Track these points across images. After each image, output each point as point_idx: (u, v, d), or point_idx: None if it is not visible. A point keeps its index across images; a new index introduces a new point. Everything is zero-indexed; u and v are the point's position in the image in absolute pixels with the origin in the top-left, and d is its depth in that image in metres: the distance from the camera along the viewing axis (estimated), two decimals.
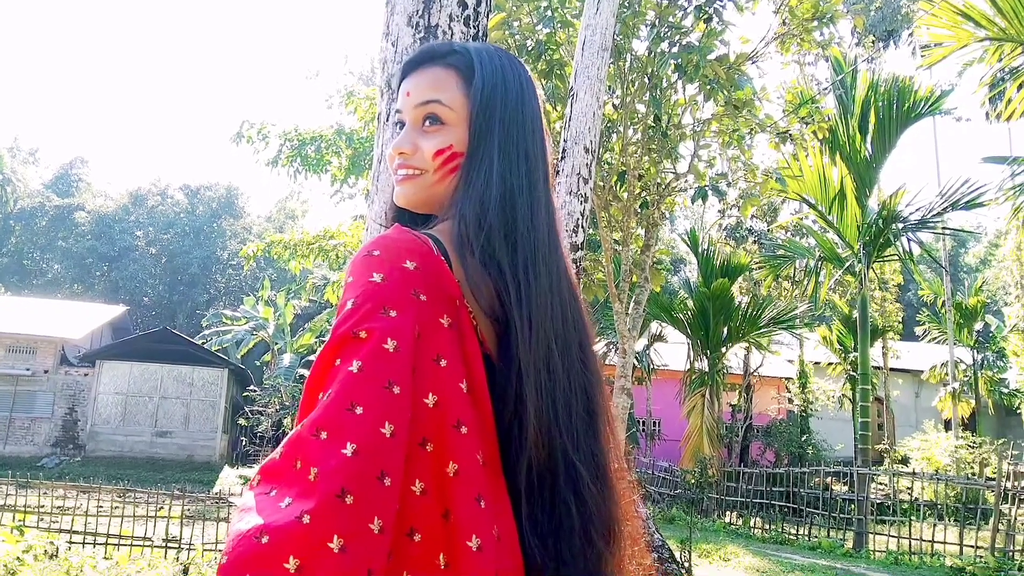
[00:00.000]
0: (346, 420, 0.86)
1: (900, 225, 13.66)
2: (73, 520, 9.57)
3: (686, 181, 8.87)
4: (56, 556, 7.11)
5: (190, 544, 8.80)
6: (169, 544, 8.90)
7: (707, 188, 8.74)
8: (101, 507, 10.20)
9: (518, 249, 1.06)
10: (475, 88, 1.12)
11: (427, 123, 1.12)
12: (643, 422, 22.52)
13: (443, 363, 0.95)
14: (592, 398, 1.10)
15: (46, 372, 24.20)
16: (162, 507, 10.08)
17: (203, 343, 28.81)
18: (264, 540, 0.78)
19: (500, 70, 1.15)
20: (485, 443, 0.97)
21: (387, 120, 2.00)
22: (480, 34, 2.10)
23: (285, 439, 0.89)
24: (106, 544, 8.94)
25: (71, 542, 8.57)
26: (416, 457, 0.90)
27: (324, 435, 0.85)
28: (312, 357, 27.22)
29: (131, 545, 8.83)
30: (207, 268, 46.27)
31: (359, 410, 0.86)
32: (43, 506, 10.22)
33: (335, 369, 0.91)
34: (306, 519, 0.79)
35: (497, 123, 1.12)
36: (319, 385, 0.92)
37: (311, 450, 0.85)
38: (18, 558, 6.41)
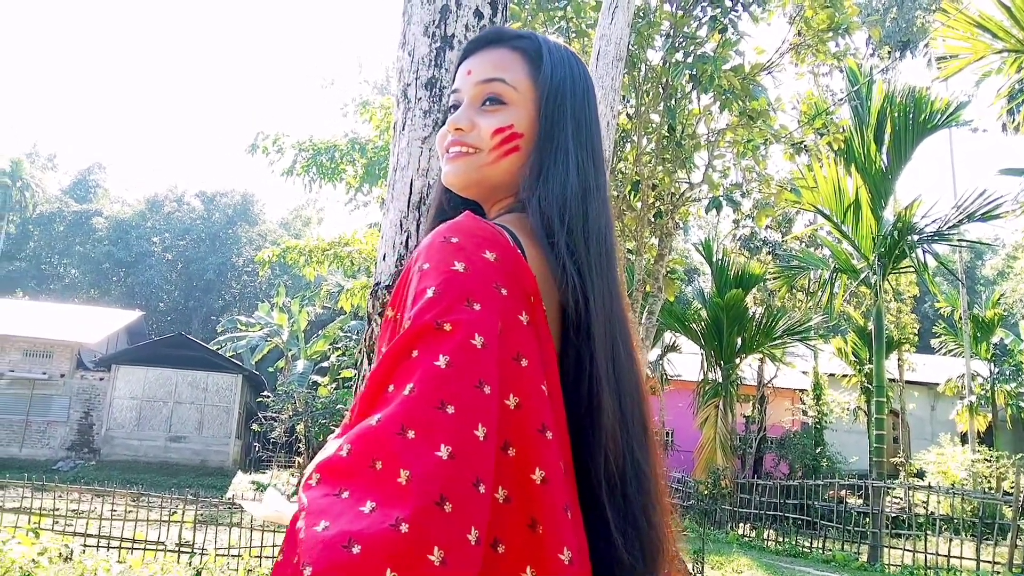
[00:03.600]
0: (437, 419, 0.80)
1: (916, 237, 13.57)
2: (87, 523, 9.63)
3: (700, 191, 8.86)
4: (71, 559, 7.17)
5: (203, 549, 8.83)
6: (182, 548, 8.94)
7: (721, 198, 8.73)
8: (115, 511, 10.26)
9: (590, 248, 1.02)
10: (544, 74, 1.09)
11: (487, 103, 1.08)
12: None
13: (524, 363, 0.89)
14: (644, 404, 1.07)
15: (62, 376, 24.39)
16: (175, 511, 10.12)
17: (218, 349, 28.96)
18: (355, 550, 0.71)
19: (568, 61, 1.12)
20: (564, 449, 0.91)
21: (403, 129, 2.02)
22: None
23: (351, 435, 0.82)
24: (119, 548, 8.99)
25: (85, 545, 8.63)
26: (499, 462, 0.83)
27: (412, 434, 0.79)
28: (326, 364, 27.30)
29: (144, 549, 8.87)
30: (222, 274, 46.57)
31: (450, 409, 0.80)
32: (58, 509, 10.28)
33: (412, 361, 0.84)
34: (404, 528, 0.73)
35: (569, 114, 1.09)
36: (387, 378, 0.86)
37: (397, 450, 0.78)
38: (33, 560, 6.46)
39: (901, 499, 14.52)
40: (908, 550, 12.11)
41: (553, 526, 0.85)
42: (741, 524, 15.94)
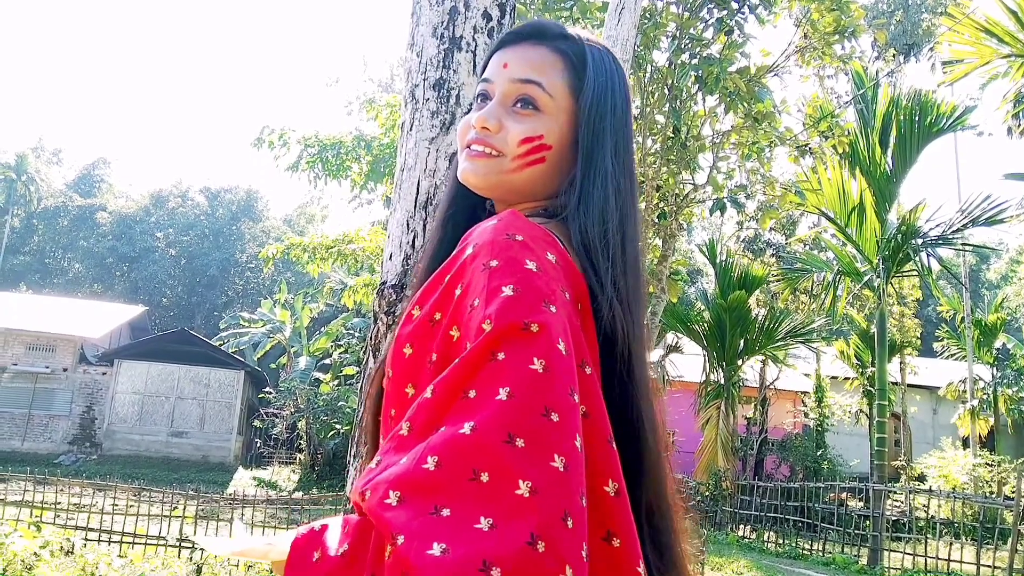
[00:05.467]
0: (545, 428, 0.75)
1: (920, 240, 13.55)
2: (89, 517, 9.66)
3: (704, 192, 8.87)
4: (72, 553, 7.18)
5: None
6: (183, 544, 8.96)
7: (725, 200, 8.74)
8: (116, 505, 10.29)
9: (628, 280, 0.97)
10: (588, 86, 1.03)
11: (519, 104, 1.03)
12: None
13: (588, 370, 0.86)
14: (665, 437, 1.03)
15: (65, 370, 24.45)
16: (176, 507, 10.14)
17: (220, 345, 29.01)
18: (495, 573, 0.67)
19: (610, 72, 1.06)
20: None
21: (410, 129, 2.03)
22: None
23: (432, 446, 0.76)
24: (121, 542, 9.01)
25: (87, 539, 8.64)
26: None
27: (521, 443, 0.73)
28: (328, 361, 27.33)
29: (145, 544, 8.89)
30: (226, 270, 46.62)
31: (555, 417, 0.75)
32: (60, 503, 10.32)
33: (498, 364, 0.78)
34: (540, 547, 0.68)
35: (609, 130, 1.03)
36: (467, 382, 0.79)
37: (508, 461, 0.73)
38: (35, 553, 6.48)
39: (902, 502, 14.51)
40: (908, 553, 12.10)
41: (629, 539, 0.82)
42: (741, 526, 15.94)
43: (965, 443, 20.03)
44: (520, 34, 1.07)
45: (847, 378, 21.56)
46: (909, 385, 22.46)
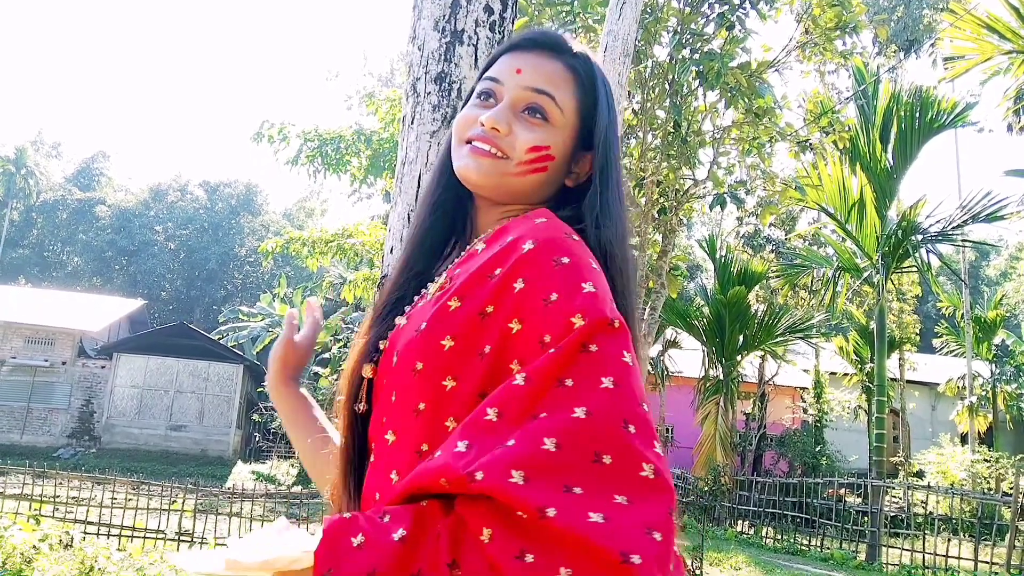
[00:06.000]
0: (644, 417, 0.81)
1: (919, 236, 13.55)
2: (88, 511, 9.67)
3: (704, 188, 8.85)
4: (71, 546, 7.18)
5: (202, 537, 8.87)
6: (182, 537, 8.97)
7: (726, 195, 8.72)
8: (115, 499, 10.30)
9: (628, 293, 1.02)
10: (601, 107, 1.09)
11: (528, 111, 1.06)
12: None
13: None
14: None
15: (64, 363, 24.45)
16: (175, 500, 10.15)
17: (219, 339, 29.01)
18: (656, 535, 0.74)
19: (611, 92, 1.12)
20: None
21: (412, 123, 2.02)
22: (505, 39, 2.12)
23: (544, 429, 0.80)
24: (120, 535, 9.02)
25: (85, 532, 8.65)
26: None
27: (633, 429, 0.80)
28: (327, 355, 27.34)
29: (144, 537, 8.90)
30: (225, 264, 46.62)
31: (646, 407, 0.83)
32: (58, 496, 10.32)
33: (593, 355, 0.84)
34: (671, 511, 0.77)
35: (614, 153, 1.10)
36: (562, 372, 0.83)
37: (627, 444, 0.79)
38: (34, 547, 6.48)
39: (900, 498, 14.53)
40: (906, 549, 12.13)
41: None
42: (740, 521, 15.97)
43: (964, 439, 20.06)
44: (535, 42, 1.10)
45: (846, 374, 21.59)
46: (908, 381, 22.50)
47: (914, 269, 15.00)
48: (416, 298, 1.08)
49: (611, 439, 0.79)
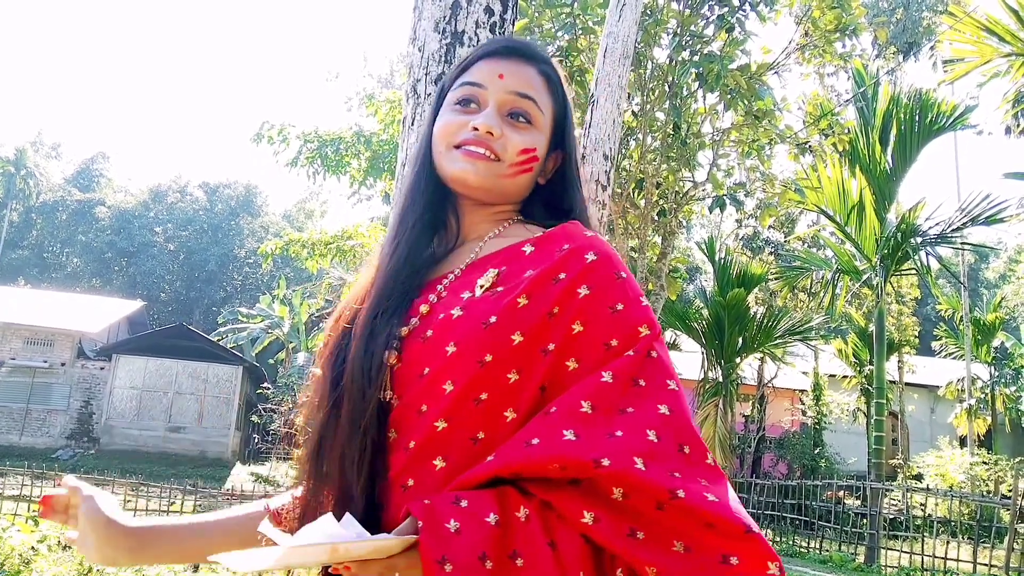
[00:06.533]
0: (690, 414, 0.96)
1: (919, 239, 13.55)
2: None
3: (704, 190, 8.86)
4: (69, 547, 7.17)
5: None
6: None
7: (725, 197, 8.73)
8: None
9: None
10: (565, 114, 1.18)
11: (512, 115, 1.12)
12: None
13: None
14: None
15: (63, 365, 24.42)
16: (174, 501, 10.15)
17: (219, 340, 29.00)
18: (739, 513, 0.88)
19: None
20: None
21: (412, 124, 2.03)
22: None
23: (645, 421, 0.92)
24: None
25: None
26: None
27: (694, 423, 0.95)
28: None
29: None
30: (224, 266, 46.61)
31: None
32: None
33: (655, 361, 0.98)
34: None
35: (576, 152, 1.20)
36: (637, 373, 0.96)
37: (696, 437, 0.93)
38: (32, 548, 6.46)
39: (899, 501, 14.52)
40: (905, 552, 12.12)
41: None
42: None
43: (963, 442, 20.07)
44: (512, 49, 1.16)
45: (845, 376, 21.58)
46: (907, 384, 22.49)
47: (913, 272, 15.00)
48: (424, 292, 1.10)
49: (687, 433, 0.92)
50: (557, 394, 0.97)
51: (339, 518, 0.89)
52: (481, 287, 1.05)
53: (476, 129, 1.09)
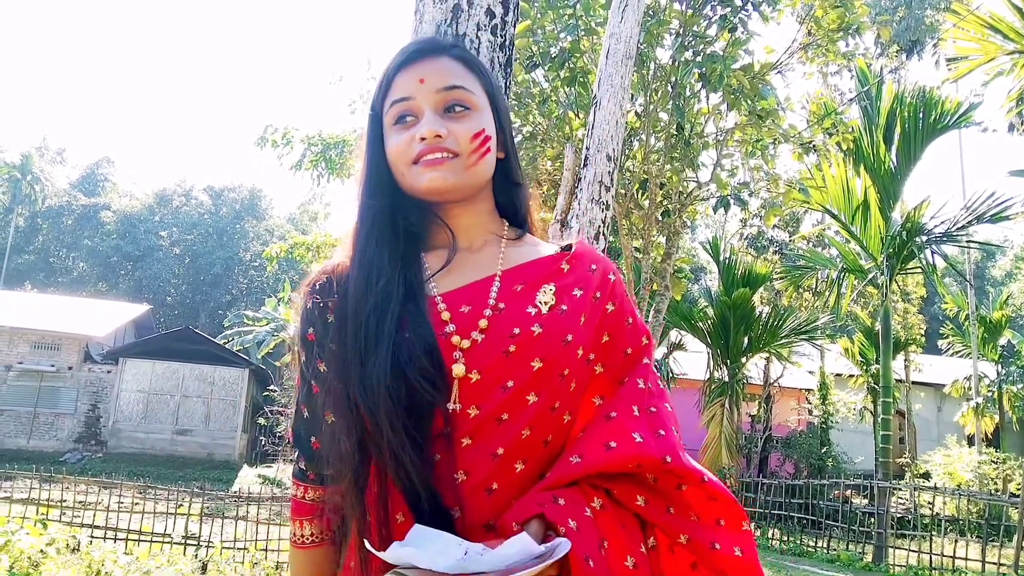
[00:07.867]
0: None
1: (924, 237, 13.51)
2: (95, 515, 9.68)
3: (708, 190, 8.85)
4: (78, 550, 7.21)
5: (209, 541, 8.88)
6: (188, 541, 8.98)
7: (729, 197, 8.72)
8: (122, 503, 10.30)
9: None
10: (490, 83, 1.20)
11: (453, 109, 1.14)
12: None
13: None
14: None
15: (70, 368, 24.50)
16: (182, 504, 10.16)
17: (225, 343, 29.06)
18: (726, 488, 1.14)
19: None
20: None
21: None
22: (507, 43, 2.14)
23: (666, 418, 1.14)
24: (127, 539, 9.04)
25: (92, 536, 8.67)
26: None
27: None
28: None
29: (151, 541, 8.92)
30: (230, 269, 46.69)
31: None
32: (65, 500, 10.33)
33: (649, 367, 1.22)
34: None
35: (510, 124, 1.25)
36: (646, 377, 1.19)
37: (678, 427, 1.17)
38: (41, 551, 6.50)
39: (906, 500, 14.48)
40: (913, 551, 12.09)
41: None
42: None
43: (970, 440, 20.00)
44: (419, 51, 1.17)
45: (851, 375, 21.52)
46: (914, 382, 22.43)
47: (919, 270, 14.95)
48: (452, 300, 1.13)
49: (676, 424, 1.15)
50: (586, 395, 1.16)
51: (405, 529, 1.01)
52: (546, 304, 1.14)
53: (424, 139, 1.11)
